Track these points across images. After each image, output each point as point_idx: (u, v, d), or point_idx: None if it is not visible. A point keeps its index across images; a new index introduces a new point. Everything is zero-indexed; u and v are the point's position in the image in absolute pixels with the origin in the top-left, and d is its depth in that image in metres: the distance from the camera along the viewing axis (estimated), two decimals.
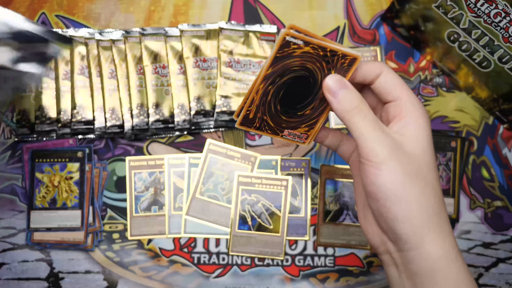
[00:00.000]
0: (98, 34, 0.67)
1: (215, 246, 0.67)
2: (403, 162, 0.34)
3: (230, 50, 0.68)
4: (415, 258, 0.35)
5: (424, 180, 0.35)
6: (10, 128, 0.68)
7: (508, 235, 0.68)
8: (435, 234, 0.35)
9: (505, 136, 0.69)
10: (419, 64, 0.70)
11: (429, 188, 0.35)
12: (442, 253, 0.35)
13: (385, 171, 0.34)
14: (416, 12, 0.64)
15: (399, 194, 0.34)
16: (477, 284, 0.66)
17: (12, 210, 0.67)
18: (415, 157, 0.35)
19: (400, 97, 0.37)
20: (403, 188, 0.34)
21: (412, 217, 0.34)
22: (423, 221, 0.34)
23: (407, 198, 0.34)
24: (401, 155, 0.34)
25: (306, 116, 0.40)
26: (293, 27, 0.35)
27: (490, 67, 0.62)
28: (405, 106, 0.36)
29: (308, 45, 0.36)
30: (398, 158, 0.34)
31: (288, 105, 0.39)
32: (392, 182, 0.34)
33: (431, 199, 0.35)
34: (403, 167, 0.34)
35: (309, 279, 0.67)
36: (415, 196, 0.34)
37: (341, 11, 0.71)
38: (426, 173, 0.35)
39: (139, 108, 0.66)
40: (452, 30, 0.62)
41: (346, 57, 0.36)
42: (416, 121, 0.36)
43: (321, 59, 0.36)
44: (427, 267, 0.35)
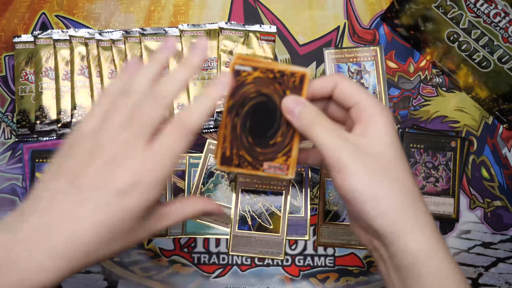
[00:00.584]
0: (98, 34, 0.67)
1: (215, 246, 0.67)
2: (366, 162, 0.35)
3: (230, 50, 0.68)
4: (397, 252, 0.35)
5: (390, 176, 0.36)
6: (10, 128, 0.68)
7: (508, 235, 0.68)
8: (412, 227, 0.35)
9: (504, 136, 0.69)
10: (419, 64, 0.70)
11: (397, 182, 0.36)
12: (423, 246, 0.35)
13: (349, 173, 0.35)
14: (416, 12, 0.64)
15: (367, 192, 0.35)
16: (477, 284, 0.66)
17: (12, 210, 0.67)
18: (378, 155, 0.36)
19: (358, 101, 0.38)
20: (370, 186, 0.35)
21: (384, 212, 0.35)
22: (396, 215, 0.35)
23: (375, 195, 0.35)
24: (363, 156, 0.36)
25: (279, 144, 0.39)
26: (240, 57, 0.38)
27: (489, 67, 0.62)
28: (364, 108, 0.37)
29: (256, 70, 0.38)
30: (359, 160, 0.35)
31: (258, 135, 0.39)
32: (357, 183, 0.35)
33: (401, 193, 0.36)
34: (366, 167, 0.35)
35: (309, 279, 0.67)
36: (383, 192, 0.35)
37: (341, 11, 0.71)
38: (392, 168, 0.36)
39: None
40: (452, 30, 0.62)
41: (295, 75, 0.38)
42: (375, 121, 0.37)
43: (273, 82, 0.38)
44: (409, 260, 0.35)
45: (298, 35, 0.70)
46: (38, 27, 0.69)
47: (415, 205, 0.36)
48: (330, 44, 0.70)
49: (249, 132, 0.39)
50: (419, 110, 0.69)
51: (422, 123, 0.69)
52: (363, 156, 0.35)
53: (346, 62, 0.70)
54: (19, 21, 0.69)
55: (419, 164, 0.67)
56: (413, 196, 0.37)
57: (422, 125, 0.69)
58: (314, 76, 0.70)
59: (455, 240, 0.68)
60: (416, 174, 0.67)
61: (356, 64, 0.70)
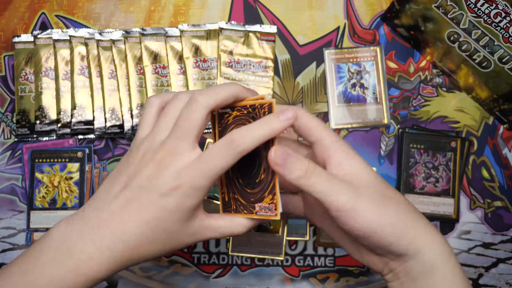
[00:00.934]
0: (98, 34, 0.67)
1: (215, 246, 0.67)
2: (368, 196, 0.36)
3: (230, 50, 0.68)
4: (416, 264, 0.37)
5: (391, 200, 0.37)
6: (10, 128, 0.68)
7: (508, 235, 0.68)
8: (426, 238, 0.37)
9: (505, 136, 0.69)
10: (419, 64, 0.70)
11: (399, 204, 0.37)
12: (438, 253, 0.37)
13: (358, 212, 0.36)
14: (416, 12, 0.64)
15: (382, 222, 0.36)
16: (477, 285, 0.66)
17: (12, 210, 0.67)
18: (372, 186, 0.37)
19: (321, 139, 0.38)
20: (381, 216, 0.36)
21: (401, 235, 0.36)
22: (412, 232, 0.37)
23: (389, 222, 0.36)
24: (361, 191, 0.36)
25: (264, 181, 0.38)
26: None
27: (490, 67, 0.62)
28: (329, 145, 0.38)
29: (234, 109, 0.38)
30: (362, 196, 0.36)
31: (246, 174, 0.39)
32: (370, 218, 0.36)
33: (407, 212, 0.37)
34: (370, 200, 0.36)
35: (309, 279, 0.67)
36: (394, 217, 0.36)
37: (341, 11, 0.71)
38: (388, 193, 0.38)
39: (139, 108, 0.66)
40: (452, 30, 0.62)
41: (264, 106, 0.37)
42: (346, 156, 0.38)
43: (248, 117, 0.38)
44: (427, 269, 0.37)
45: (298, 35, 0.70)
46: (38, 27, 0.69)
47: (419, 218, 0.38)
48: (330, 44, 0.70)
49: (239, 173, 0.39)
50: (419, 110, 0.69)
51: (422, 123, 0.69)
52: (361, 191, 0.36)
53: (346, 62, 0.70)
54: (18, 21, 0.69)
55: (419, 164, 0.67)
56: (413, 210, 0.38)
57: (422, 125, 0.69)
58: (315, 77, 0.70)
59: (455, 241, 0.67)
60: (416, 174, 0.67)
61: (356, 64, 0.70)
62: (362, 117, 0.69)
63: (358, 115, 0.69)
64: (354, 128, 0.69)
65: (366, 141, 0.69)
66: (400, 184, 0.67)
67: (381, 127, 0.69)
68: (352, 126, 0.69)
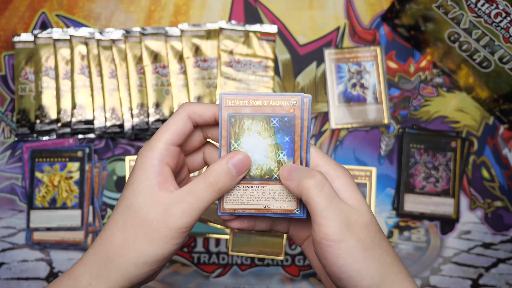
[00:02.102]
0: (98, 34, 0.67)
1: (215, 246, 0.67)
2: (359, 235, 0.34)
3: (230, 50, 0.68)
4: None
5: (378, 246, 0.35)
6: (10, 127, 0.68)
7: (508, 235, 0.68)
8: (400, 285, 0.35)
9: (505, 136, 0.69)
10: (419, 64, 0.70)
11: (385, 253, 0.35)
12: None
13: (345, 250, 0.33)
14: (417, 12, 0.64)
15: (362, 270, 0.33)
16: (477, 285, 0.66)
17: (12, 209, 0.66)
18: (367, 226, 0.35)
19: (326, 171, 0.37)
20: (365, 263, 0.34)
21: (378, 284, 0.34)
22: (387, 282, 0.34)
23: (369, 272, 0.34)
24: (355, 229, 0.34)
25: None
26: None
27: (490, 67, 0.62)
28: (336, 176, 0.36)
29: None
30: (353, 234, 0.34)
31: None
32: (353, 260, 0.33)
33: (389, 263, 0.35)
34: (361, 242, 0.34)
35: (309, 279, 0.67)
36: (376, 267, 0.34)
37: (341, 11, 0.71)
38: (376, 235, 0.35)
39: (139, 107, 0.66)
40: (452, 30, 0.62)
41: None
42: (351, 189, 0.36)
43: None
44: None
45: (299, 35, 0.70)
46: (38, 26, 0.69)
47: (398, 272, 0.35)
48: (330, 44, 0.70)
49: None
50: (419, 110, 0.69)
51: (422, 123, 0.69)
52: (356, 230, 0.34)
53: (346, 62, 0.70)
54: (19, 20, 0.69)
55: (419, 164, 0.67)
56: (396, 262, 0.36)
57: (422, 125, 0.69)
58: (315, 77, 0.70)
59: (455, 241, 0.67)
60: (416, 174, 0.67)
61: (356, 64, 0.70)
62: (362, 117, 0.69)
63: (358, 115, 0.69)
64: (354, 128, 0.69)
65: (366, 141, 0.69)
66: (400, 184, 0.67)
67: (381, 127, 0.69)
68: (352, 126, 0.69)
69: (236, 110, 0.38)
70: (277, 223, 0.41)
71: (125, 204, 0.35)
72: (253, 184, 0.38)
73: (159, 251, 0.34)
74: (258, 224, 0.40)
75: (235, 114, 0.38)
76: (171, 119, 0.36)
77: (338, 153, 0.69)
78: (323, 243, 0.34)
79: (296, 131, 0.38)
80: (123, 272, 0.35)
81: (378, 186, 0.68)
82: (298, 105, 0.37)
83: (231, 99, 0.37)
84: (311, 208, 0.34)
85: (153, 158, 0.35)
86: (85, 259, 0.36)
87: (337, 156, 0.68)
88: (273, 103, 0.37)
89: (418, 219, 0.68)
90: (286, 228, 0.42)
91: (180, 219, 0.34)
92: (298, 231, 0.41)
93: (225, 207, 0.38)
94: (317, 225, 0.34)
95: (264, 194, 0.38)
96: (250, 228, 0.40)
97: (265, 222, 0.41)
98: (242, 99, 0.37)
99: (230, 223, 0.39)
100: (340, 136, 0.69)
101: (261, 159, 0.38)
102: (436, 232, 0.68)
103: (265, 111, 0.38)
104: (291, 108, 0.38)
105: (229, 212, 0.38)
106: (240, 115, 0.38)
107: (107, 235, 0.35)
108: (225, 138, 0.38)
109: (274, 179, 0.38)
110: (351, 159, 0.69)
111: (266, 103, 0.37)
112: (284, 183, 0.36)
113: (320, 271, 0.40)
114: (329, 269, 0.34)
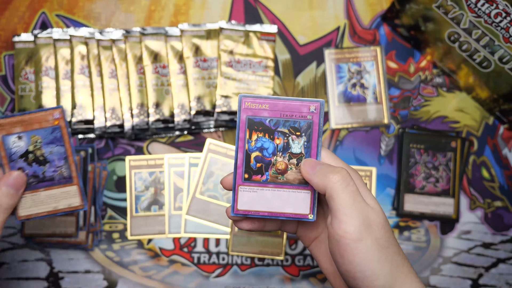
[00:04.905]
0: (98, 34, 0.67)
1: (215, 246, 0.67)
2: (376, 235, 0.34)
3: (230, 50, 0.68)
4: None
5: (392, 245, 0.35)
6: None
7: (508, 235, 0.68)
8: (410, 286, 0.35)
9: (505, 136, 0.69)
10: (419, 64, 0.70)
11: (397, 253, 0.35)
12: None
13: (362, 249, 0.34)
14: (417, 12, 0.64)
15: (377, 270, 0.34)
16: (477, 285, 0.66)
17: None
18: (383, 226, 0.35)
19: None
20: (379, 263, 0.34)
21: (390, 284, 0.34)
22: (398, 282, 0.35)
23: (383, 271, 0.34)
24: (373, 229, 0.34)
25: None
26: None
27: (490, 67, 0.62)
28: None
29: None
30: (371, 234, 0.34)
31: None
32: (369, 260, 0.34)
33: (400, 263, 0.35)
34: (377, 241, 0.34)
35: (309, 279, 0.67)
36: (389, 267, 0.34)
37: (341, 11, 0.71)
38: (390, 235, 0.35)
39: (139, 107, 0.66)
40: (452, 30, 0.62)
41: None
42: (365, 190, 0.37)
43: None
44: None
45: (299, 35, 0.70)
46: (38, 26, 0.69)
47: (408, 272, 0.36)
48: (330, 44, 0.70)
49: None
50: (419, 110, 0.69)
51: (422, 123, 0.69)
52: (373, 230, 0.34)
53: (346, 62, 0.70)
54: (19, 20, 0.69)
55: (419, 164, 0.67)
56: (406, 263, 0.36)
57: (422, 125, 0.69)
58: (315, 77, 0.70)
59: (455, 241, 0.67)
60: (416, 174, 0.67)
61: (356, 64, 0.70)
62: (362, 117, 0.69)
63: (358, 115, 0.69)
64: (354, 128, 0.69)
65: (366, 141, 0.69)
66: (400, 184, 0.67)
67: (381, 127, 0.69)
68: (352, 126, 0.69)
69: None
70: (286, 224, 0.42)
71: None
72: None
73: None
74: (268, 225, 0.41)
75: (253, 117, 0.38)
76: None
77: (338, 153, 0.69)
78: (342, 241, 0.34)
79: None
80: None
81: (378, 186, 0.68)
82: (317, 111, 0.38)
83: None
84: (334, 204, 0.34)
85: None
86: None
87: (337, 156, 0.68)
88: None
89: (418, 219, 0.68)
90: (294, 229, 0.42)
91: None
92: (307, 231, 0.42)
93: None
94: (337, 221, 0.34)
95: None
96: (260, 229, 0.40)
97: (274, 223, 0.41)
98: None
99: (240, 224, 0.39)
100: (340, 136, 0.69)
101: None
102: (436, 232, 0.68)
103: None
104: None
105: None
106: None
107: None
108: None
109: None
110: (351, 159, 0.69)
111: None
112: (306, 176, 0.37)
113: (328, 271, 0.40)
114: (344, 268, 0.35)
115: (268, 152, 0.38)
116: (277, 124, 0.38)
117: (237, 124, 0.38)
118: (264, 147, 0.38)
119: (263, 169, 0.38)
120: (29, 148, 0.50)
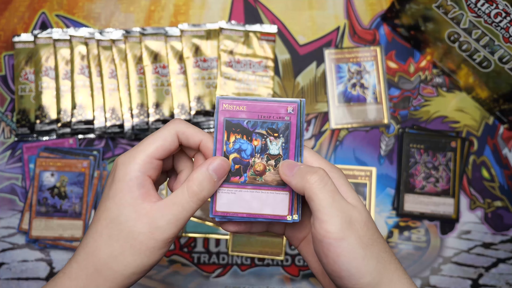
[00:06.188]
0: (98, 34, 0.67)
1: (215, 246, 0.67)
2: (359, 233, 0.34)
3: (230, 50, 0.68)
4: None
5: (377, 243, 0.35)
6: (10, 127, 0.68)
7: (508, 235, 0.68)
8: (398, 283, 0.35)
9: (505, 136, 0.69)
10: (419, 64, 0.70)
11: (383, 250, 0.35)
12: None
13: (346, 248, 0.33)
14: (416, 12, 0.64)
15: (362, 268, 0.34)
16: (477, 285, 0.66)
17: (12, 209, 0.66)
18: (366, 224, 0.35)
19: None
20: (364, 261, 0.34)
21: (377, 282, 0.34)
22: (385, 279, 0.35)
23: (368, 269, 0.34)
24: (355, 227, 0.34)
25: None
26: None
27: (490, 67, 0.62)
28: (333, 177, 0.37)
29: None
30: (353, 232, 0.34)
31: None
32: (353, 258, 0.33)
33: (387, 260, 0.35)
34: (360, 239, 0.34)
35: (309, 279, 0.67)
36: (375, 264, 0.34)
37: (341, 11, 0.71)
38: (374, 233, 0.35)
39: (139, 108, 0.66)
40: (452, 30, 0.62)
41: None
42: (347, 188, 0.36)
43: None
44: None
45: (298, 35, 0.70)
46: (38, 27, 0.69)
47: (395, 269, 0.36)
48: (330, 44, 0.70)
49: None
50: (419, 110, 0.69)
51: (422, 123, 0.69)
52: (356, 228, 0.34)
53: (346, 62, 0.70)
54: (19, 20, 0.69)
55: (419, 164, 0.67)
56: (393, 260, 0.36)
57: (422, 125, 0.69)
58: (315, 77, 0.70)
59: (455, 241, 0.67)
60: (416, 174, 0.67)
61: (356, 64, 0.70)
62: (362, 117, 0.69)
63: (358, 115, 0.69)
64: (354, 128, 0.69)
65: (366, 141, 0.69)
66: (400, 184, 0.67)
67: (381, 127, 0.69)
68: (352, 126, 0.69)
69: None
70: (272, 225, 0.41)
71: (109, 216, 0.35)
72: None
73: (146, 262, 0.35)
74: (254, 227, 0.41)
75: (231, 119, 0.38)
76: (159, 132, 0.36)
77: (338, 153, 0.69)
78: (325, 240, 0.34)
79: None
80: (112, 283, 0.35)
81: (378, 186, 0.68)
82: (295, 112, 0.38)
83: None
84: (314, 204, 0.34)
85: (136, 170, 0.35)
86: (70, 273, 0.35)
87: (337, 156, 0.68)
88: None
89: (418, 219, 0.68)
90: (282, 230, 0.42)
91: (166, 231, 0.35)
92: (294, 232, 0.41)
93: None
94: (319, 222, 0.34)
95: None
96: (247, 231, 0.40)
97: (260, 224, 0.41)
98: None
99: (226, 226, 0.39)
100: (340, 136, 0.69)
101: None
102: (436, 232, 0.68)
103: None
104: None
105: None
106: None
107: (91, 249, 0.35)
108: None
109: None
110: (351, 159, 0.69)
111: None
112: (285, 178, 0.36)
113: (317, 270, 0.40)
114: (329, 268, 0.34)
115: (246, 153, 0.38)
116: (254, 126, 0.38)
117: (214, 126, 0.38)
118: (242, 148, 0.38)
119: (241, 170, 0.38)
120: (57, 184, 0.65)
